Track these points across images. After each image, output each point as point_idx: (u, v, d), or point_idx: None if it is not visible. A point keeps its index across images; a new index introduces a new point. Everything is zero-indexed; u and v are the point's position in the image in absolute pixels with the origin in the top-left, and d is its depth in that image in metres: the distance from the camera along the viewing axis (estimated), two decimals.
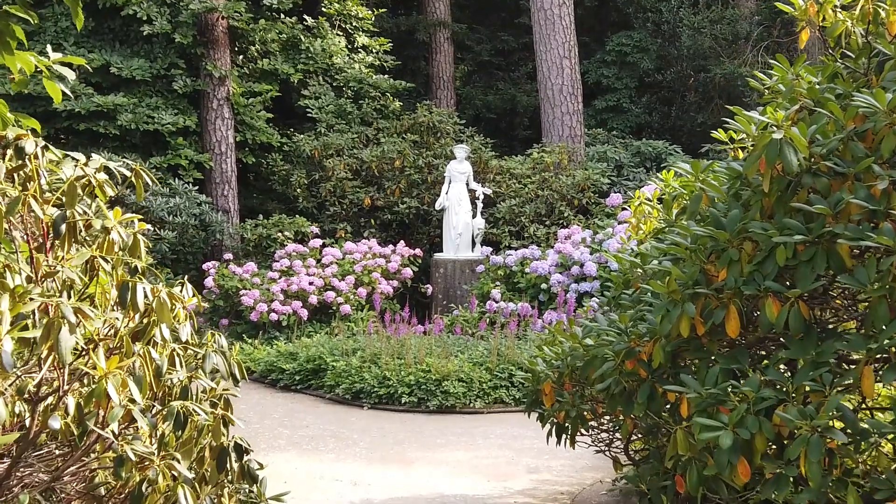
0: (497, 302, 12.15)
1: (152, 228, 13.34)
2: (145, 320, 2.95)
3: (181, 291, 3.49)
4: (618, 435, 5.07)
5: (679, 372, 3.48)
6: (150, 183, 3.33)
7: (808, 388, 2.98)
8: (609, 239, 12.14)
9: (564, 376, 4.75)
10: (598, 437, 5.43)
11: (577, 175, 14.44)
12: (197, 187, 14.43)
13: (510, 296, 12.48)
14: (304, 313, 12.01)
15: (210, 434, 3.12)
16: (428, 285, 13.62)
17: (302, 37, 16.63)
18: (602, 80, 19.58)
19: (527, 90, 20.66)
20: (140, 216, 3.45)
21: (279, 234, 13.96)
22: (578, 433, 4.86)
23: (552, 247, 13.05)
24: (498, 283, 12.70)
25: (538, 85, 16.71)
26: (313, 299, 12.13)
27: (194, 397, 3.04)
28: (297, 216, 14.57)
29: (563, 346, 4.77)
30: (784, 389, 3.03)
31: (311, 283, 12.35)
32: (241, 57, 16.25)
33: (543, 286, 12.14)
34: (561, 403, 4.74)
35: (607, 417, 4.93)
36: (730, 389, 3.02)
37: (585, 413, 4.70)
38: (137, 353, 2.89)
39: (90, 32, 14.42)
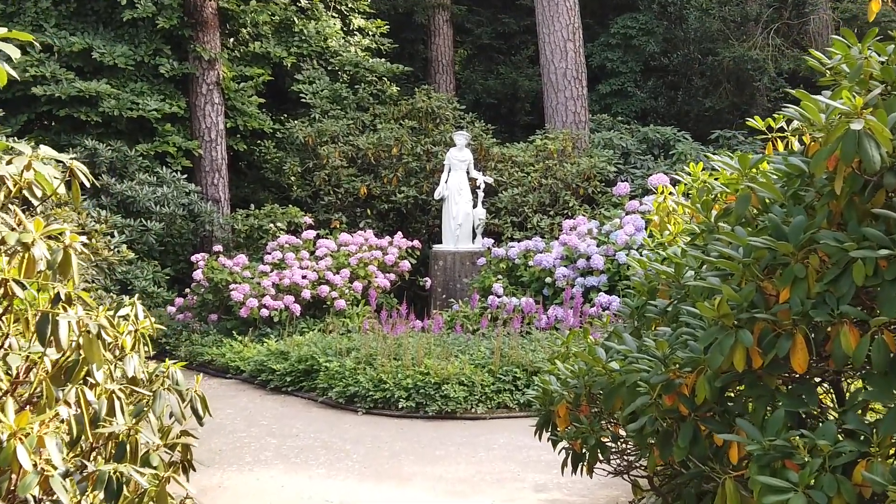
0: (499, 297, 11.57)
1: (114, 233, 12.70)
2: (73, 356, 2.36)
3: (131, 313, 2.90)
4: (642, 462, 4.49)
5: (727, 410, 2.90)
6: (87, 184, 2.73)
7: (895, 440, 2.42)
8: (617, 230, 11.54)
9: (582, 397, 4.17)
10: (618, 460, 4.85)
11: (583, 163, 13.84)
12: (186, 176, 13.84)
13: (513, 290, 11.90)
14: (297, 309, 11.43)
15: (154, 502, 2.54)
16: (426, 278, 13.03)
17: (295, 18, 15.98)
18: (606, 63, 18.93)
19: (529, 74, 20.02)
20: (75, 226, 2.87)
21: (271, 224, 13.36)
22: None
23: (557, 238, 12.46)
24: (500, 276, 12.11)
25: (541, 69, 16.09)
26: (306, 294, 11.54)
27: (135, 454, 2.45)
28: (290, 206, 13.98)
29: (580, 365, 4.19)
30: (863, 439, 2.47)
31: (304, 277, 11.76)
32: (231, 40, 15.62)
33: (548, 280, 11.55)
34: (578, 429, 4.16)
35: (630, 443, 4.37)
36: (798, 439, 2.45)
37: (606, 441, 4.13)
38: (63, 399, 2.30)
39: (72, 14, 13.77)
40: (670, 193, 5.01)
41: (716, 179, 4.69)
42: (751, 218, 3.37)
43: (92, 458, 2.49)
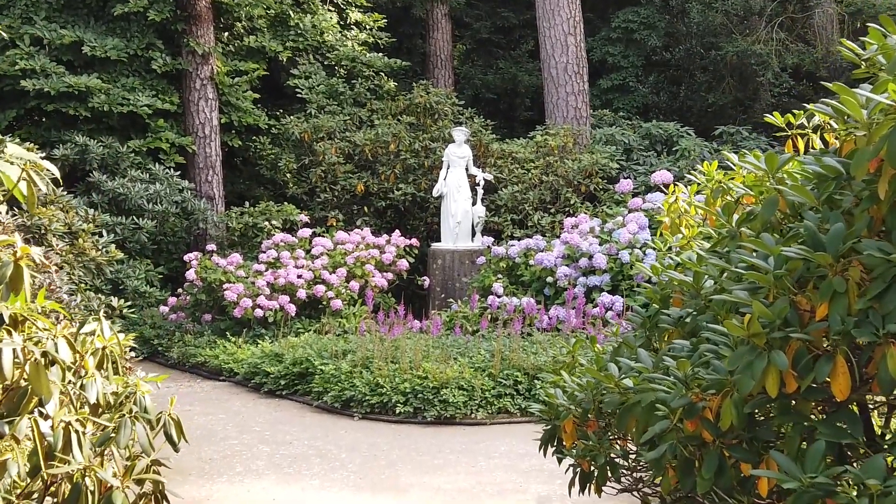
0: (499, 297, 11.29)
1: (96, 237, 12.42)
2: (22, 386, 2.08)
3: (96, 329, 2.62)
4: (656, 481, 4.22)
5: (756, 437, 2.63)
6: (43, 187, 2.45)
7: None
8: (620, 229, 11.27)
9: (590, 412, 3.90)
10: (628, 476, 4.58)
11: (584, 159, 13.54)
12: (179, 173, 13.52)
13: (513, 289, 11.62)
14: (292, 309, 11.15)
15: None
16: (425, 277, 12.75)
17: (291, 12, 15.67)
18: (607, 58, 18.62)
19: (529, 69, 19.71)
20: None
21: (266, 222, 13.06)
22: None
23: (558, 237, 12.18)
24: (500, 275, 11.83)
25: (541, 63, 15.79)
26: (302, 294, 11.26)
27: (94, 494, 2.17)
28: (285, 203, 13.68)
29: (588, 378, 3.91)
30: None
31: (299, 276, 11.48)
32: (225, 34, 15.31)
33: (549, 280, 11.27)
34: (586, 447, 3.89)
35: (642, 462, 4.11)
36: (842, 475, 2.18)
37: (615, 458, 3.86)
38: (10, 433, 2.02)
39: (63, 7, 13.46)
40: (682, 193, 4.72)
41: (731, 179, 4.41)
42: (776, 224, 3.09)
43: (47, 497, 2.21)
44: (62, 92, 12.70)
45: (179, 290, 12.20)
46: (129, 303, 8.49)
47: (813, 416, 2.61)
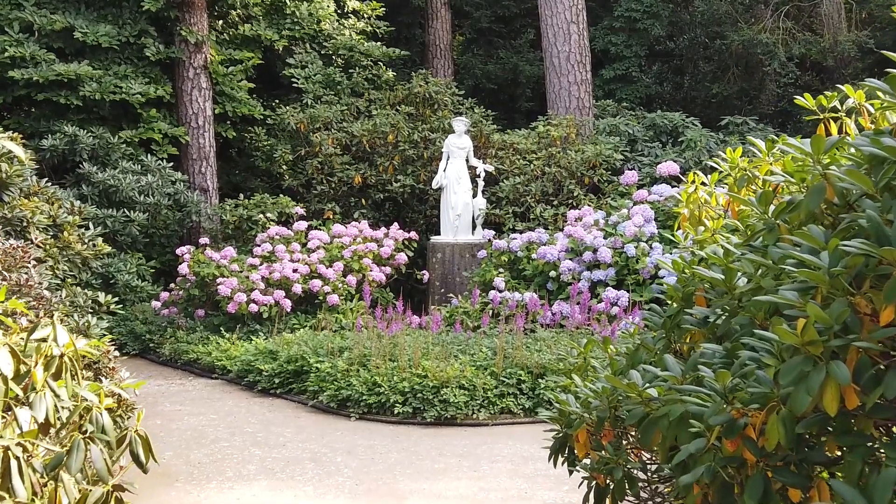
0: (501, 292, 10.96)
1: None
2: None
3: (51, 334, 2.29)
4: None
5: (806, 459, 2.30)
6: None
7: None
8: (625, 221, 10.93)
9: (606, 420, 3.57)
10: (645, 490, 4.25)
11: (587, 150, 13.19)
12: (172, 164, 13.18)
13: (515, 284, 11.28)
14: (287, 304, 10.81)
15: None
16: (424, 272, 12.41)
17: (287, 0, 15.30)
18: (610, 47, 18.24)
19: (530, 59, 19.34)
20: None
21: (261, 215, 12.71)
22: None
23: (561, 230, 11.85)
24: (501, 270, 11.49)
25: (543, 52, 15.43)
26: (297, 288, 10.93)
27: None
28: (281, 196, 13.33)
29: (603, 384, 3.59)
30: None
31: (295, 271, 11.13)
32: (220, 22, 14.94)
33: (552, 274, 10.93)
34: (602, 459, 3.56)
35: (654, 468, 3.81)
36: None
37: (633, 471, 3.53)
38: None
39: None
40: (702, 183, 4.38)
41: (755, 168, 4.10)
42: (818, 215, 2.75)
43: None
44: (53, 80, 12.33)
45: (172, 285, 11.86)
46: (116, 298, 8.15)
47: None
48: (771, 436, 2.26)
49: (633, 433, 3.76)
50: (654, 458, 4.00)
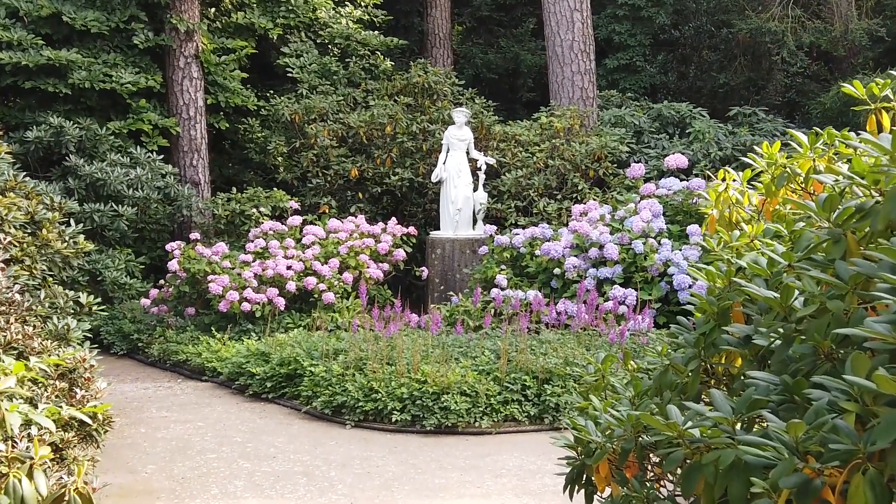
0: (503, 289, 10.53)
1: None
2: None
3: None
4: None
5: None
6: None
7: None
8: (632, 216, 10.50)
9: (632, 452, 3.15)
10: None
11: (592, 142, 12.74)
12: (162, 157, 12.72)
13: (517, 281, 10.85)
14: (281, 302, 10.38)
15: None
16: (423, 268, 11.98)
17: None
18: (613, 36, 17.77)
19: (531, 48, 18.87)
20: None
21: (254, 209, 12.27)
22: None
23: (565, 225, 11.41)
24: (503, 266, 11.06)
25: (545, 41, 14.96)
26: (291, 286, 10.49)
27: None
28: (275, 189, 12.89)
29: (627, 410, 3.16)
30: None
31: (289, 268, 10.70)
32: (212, 10, 14.48)
33: (556, 271, 10.50)
34: (626, 497, 3.14)
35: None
36: None
37: None
38: None
39: None
40: (734, 180, 3.95)
41: (794, 163, 3.66)
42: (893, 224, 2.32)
43: None
44: (41, 65, 11.88)
45: (162, 282, 11.42)
46: (99, 299, 7.73)
47: None
48: (856, 500, 1.84)
49: (656, 459, 3.35)
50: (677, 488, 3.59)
